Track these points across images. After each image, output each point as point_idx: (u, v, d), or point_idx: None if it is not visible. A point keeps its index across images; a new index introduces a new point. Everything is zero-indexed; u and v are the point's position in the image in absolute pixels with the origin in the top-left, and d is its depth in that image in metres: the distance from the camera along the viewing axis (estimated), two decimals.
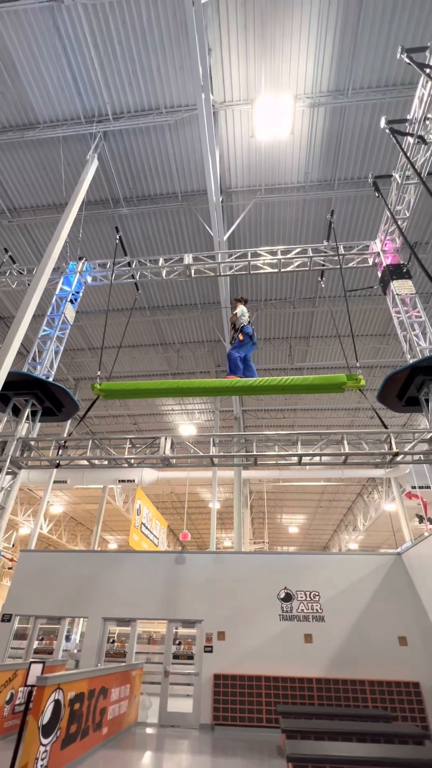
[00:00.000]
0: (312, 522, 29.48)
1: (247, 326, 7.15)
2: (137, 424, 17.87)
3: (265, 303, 11.70)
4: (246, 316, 7.33)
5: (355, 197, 9.02)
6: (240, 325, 7.16)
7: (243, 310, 7.46)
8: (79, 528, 30.77)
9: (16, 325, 5.36)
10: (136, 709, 7.78)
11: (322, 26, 6.77)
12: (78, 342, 13.34)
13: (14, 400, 5.81)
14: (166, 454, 5.51)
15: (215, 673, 7.82)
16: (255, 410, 16.56)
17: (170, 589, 8.87)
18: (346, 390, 5.98)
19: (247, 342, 7.05)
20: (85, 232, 9.83)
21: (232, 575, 8.89)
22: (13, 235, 10.21)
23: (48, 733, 4.58)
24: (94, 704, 5.74)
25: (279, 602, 8.50)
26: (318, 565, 8.94)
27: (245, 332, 7.06)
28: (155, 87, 7.60)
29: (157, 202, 9.39)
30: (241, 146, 8.36)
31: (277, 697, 7.55)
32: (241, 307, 7.58)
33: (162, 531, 18.91)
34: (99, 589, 9.05)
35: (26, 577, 9.45)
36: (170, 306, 12.04)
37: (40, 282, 5.84)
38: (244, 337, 7.00)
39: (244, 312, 7.41)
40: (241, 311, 7.42)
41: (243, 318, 7.26)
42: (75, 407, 6.16)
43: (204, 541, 34.31)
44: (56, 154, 8.61)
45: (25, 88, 7.72)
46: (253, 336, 7.17)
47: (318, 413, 16.63)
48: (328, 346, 13.08)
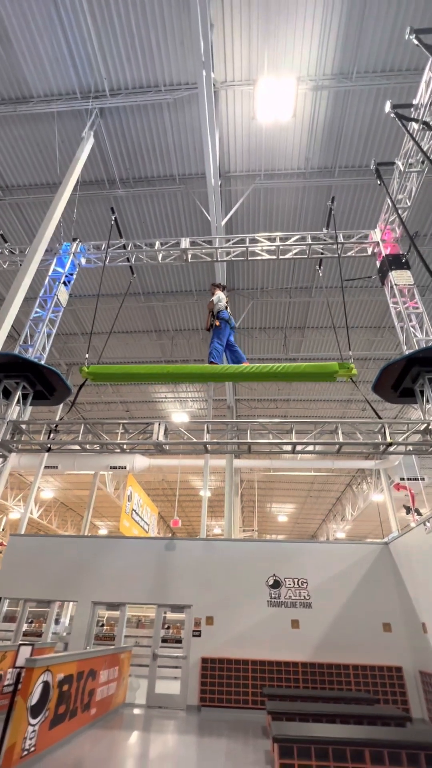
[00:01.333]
0: (301, 511, 29.87)
1: (224, 311, 7.17)
2: (129, 411, 17.79)
3: (261, 292, 11.60)
4: (223, 301, 7.36)
5: (355, 185, 8.90)
6: (217, 311, 7.19)
7: (220, 296, 7.49)
8: (70, 513, 30.82)
9: (7, 306, 5.23)
10: (124, 691, 7.89)
11: (328, 6, 6.57)
12: (71, 326, 13.15)
13: (5, 383, 5.69)
14: (159, 440, 5.47)
15: (203, 657, 7.94)
16: (248, 400, 16.56)
17: (160, 575, 8.93)
18: (337, 379, 5.96)
19: (225, 327, 7.07)
20: (80, 213, 9.60)
21: (222, 562, 8.97)
22: (4, 213, 9.93)
23: (36, 713, 4.61)
24: (82, 686, 5.79)
25: (267, 589, 8.61)
26: (306, 553, 9.05)
27: (221, 317, 7.08)
28: (154, 63, 7.35)
29: (154, 185, 9.18)
30: (242, 128, 8.16)
31: (264, 681, 7.70)
32: (218, 293, 7.59)
33: (153, 517, 19.01)
34: (89, 574, 9.08)
35: (16, 561, 9.44)
36: (165, 292, 11.88)
37: (32, 262, 5.68)
38: (221, 322, 7.02)
39: (221, 298, 7.43)
40: (217, 297, 7.45)
41: (220, 303, 7.29)
42: (67, 391, 6.06)
43: (194, 529, 34.63)
44: (50, 131, 8.33)
45: (19, 60, 7.41)
46: (230, 320, 7.23)
47: (310, 404, 16.69)
48: (323, 337, 13.06)
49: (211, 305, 7.31)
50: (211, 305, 7.34)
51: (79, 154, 7.42)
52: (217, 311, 7.17)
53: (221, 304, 7.26)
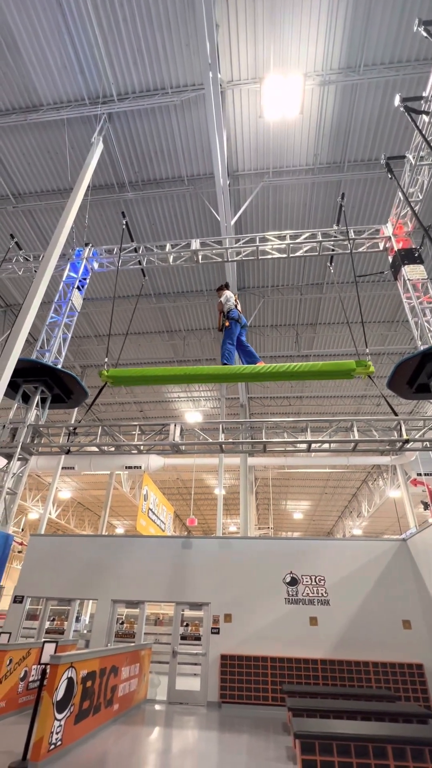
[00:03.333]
0: (316, 508, 29.72)
1: (233, 310, 7.20)
2: (143, 411, 17.95)
3: (272, 290, 11.58)
4: (231, 300, 7.40)
5: (365, 180, 8.80)
6: (227, 310, 7.23)
7: (228, 296, 7.54)
8: (87, 513, 31.29)
9: (24, 312, 5.35)
10: (145, 687, 8.02)
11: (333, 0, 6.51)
12: (84, 329, 13.34)
13: (24, 387, 5.84)
14: (175, 441, 5.54)
15: (222, 654, 8.00)
16: (261, 398, 16.55)
17: (177, 573, 9.03)
18: (354, 376, 5.95)
19: (235, 326, 7.10)
20: (91, 218, 9.72)
21: (239, 560, 9.01)
22: (17, 220, 10.13)
23: (62, 708, 4.73)
24: (105, 682, 5.91)
25: (285, 586, 8.63)
26: (323, 550, 9.03)
27: (231, 317, 7.14)
28: (161, 66, 7.40)
29: (163, 186, 9.24)
30: (249, 127, 8.15)
31: (283, 677, 7.73)
32: (226, 292, 7.65)
33: (169, 516, 19.17)
34: (108, 572, 9.23)
35: (36, 561, 9.65)
36: (176, 293, 11.95)
37: (47, 269, 5.80)
38: (230, 322, 7.06)
39: (228, 297, 7.49)
40: (225, 297, 7.51)
41: (228, 303, 7.35)
42: (84, 394, 6.18)
43: (209, 527, 34.78)
44: (60, 138, 8.46)
45: (28, 68, 7.54)
46: (240, 318, 7.26)
47: (324, 401, 16.58)
48: (335, 333, 12.96)
49: (221, 306, 7.37)
50: (220, 306, 7.41)
51: (89, 160, 7.52)
52: (227, 311, 7.23)
53: (230, 304, 7.32)
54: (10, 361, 4.90)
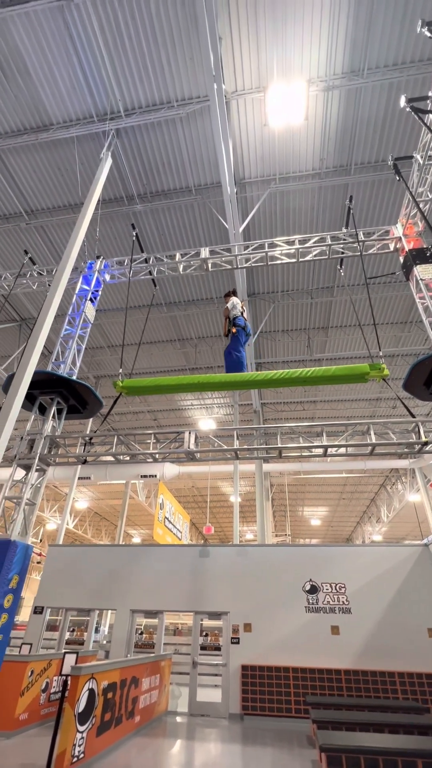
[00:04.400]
0: (334, 514, 29.25)
1: (240, 318, 7.24)
2: (157, 419, 18.03)
3: (282, 295, 11.57)
4: (238, 307, 7.43)
5: (373, 181, 8.78)
6: (233, 317, 7.27)
7: (234, 302, 7.58)
8: (104, 523, 31.42)
9: (39, 325, 5.46)
10: (166, 699, 7.94)
11: (335, 5, 6.56)
12: (97, 340, 13.52)
13: (40, 399, 5.93)
14: (190, 449, 5.54)
15: (243, 664, 7.89)
16: (274, 403, 16.47)
17: (195, 582, 8.97)
18: (369, 380, 5.88)
19: (240, 333, 7.14)
20: (102, 231, 9.91)
21: (257, 568, 8.92)
22: (31, 236, 10.38)
23: (84, 720, 4.72)
24: (126, 693, 5.88)
25: (304, 594, 8.49)
26: (343, 557, 8.87)
27: (237, 324, 7.18)
28: (166, 80, 7.55)
29: (171, 197, 9.37)
30: (254, 135, 8.23)
31: (306, 688, 7.57)
32: (232, 299, 7.68)
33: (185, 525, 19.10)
34: (126, 582, 9.23)
35: (55, 571, 9.72)
36: (186, 301, 12.04)
37: (60, 282, 5.92)
38: (237, 329, 7.11)
39: (235, 304, 7.53)
40: (232, 303, 7.54)
41: (235, 310, 7.38)
42: (99, 404, 6.25)
43: (226, 535, 34.52)
44: (70, 155, 8.68)
45: (38, 90, 7.78)
46: (246, 326, 7.30)
47: (338, 404, 16.41)
48: (347, 335, 12.86)
49: (227, 311, 7.43)
50: (226, 311, 7.47)
51: (98, 175, 7.68)
52: (233, 317, 7.28)
53: (236, 311, 7.37)
54: (26, 374, 4.99)
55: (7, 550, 4.69)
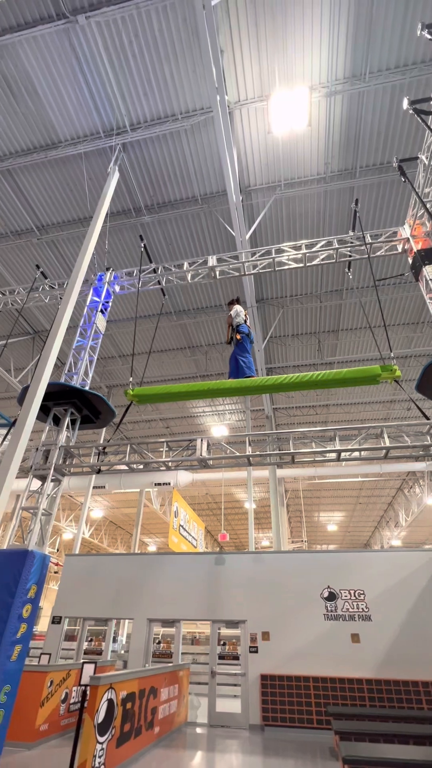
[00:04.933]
0: (351, 519, 28.80)
1: (243, 325, 7.38)
2: (169, 427, 18.10)
3: (290, 299, 11.57)
4: (241, 315, 7.56)
5: (378, 183, 8.77)
6: (236, 324, 7.38)
7: (238, 310, 7.69)
8: (119, 531, 31.51)
9: (52, 337, 5.57)
10: (185, 709, 7.87)
11: (334, 11, 6.63)
12: (109, 350, 13.69)
13: (54, 410, 6.02)
14: (203, 456, 5.56)
15: (262, 674, 7.79)
16: (286, 408, 16.39)
17: (212, 590, 8.91)
18: (381, 382, 5.83)
19: (246, 340, 7.24)
20: (111, 243, 10.08)
21: (273, 575, 8.82)
22: (42, 251, 10.62)
23: (104, 731, 4.71)
24: (145, 704, 5.85)
25: (323, 601, 8.35)
26: (361, 562, 8.72)
27: (241, 331, 7.28)
28: (170, 94, 7.70)
29: (178, 207, 9.50)
30: (258, 143, 8.31)
31: (327, 698, 7.42)
32: (235, 307, 7.80)
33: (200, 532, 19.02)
34: (142, 591, 9.23)
35: (72, 581, 9.77)
36: (196, 309, 12.13)
37: (71, 295, 6.04)
38: (241, 336, 7.21)
39: (238, 312, 7.64)
40: (235, 311, 7.65)
41: (238, 318, 7.49)
42: (111, 414, 6.32)
43: (241, 542, 34.26)
44: (79, 170, 8.88)
45: (47, 109, 8.01)
46: (250, 334, 7.40)
47: (351, 407, 16.24)
48: (358, 338, 12.77)
49: (230, 319, 7.54)
50: (229, 319, 7.58)
51: (106, 189, 7.84)
52: (236, 325, 7.38)
53: (239, 319, 7.49)
54: (40, 386, 5.09)
55: (25, 561, 4.74)
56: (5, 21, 6.92)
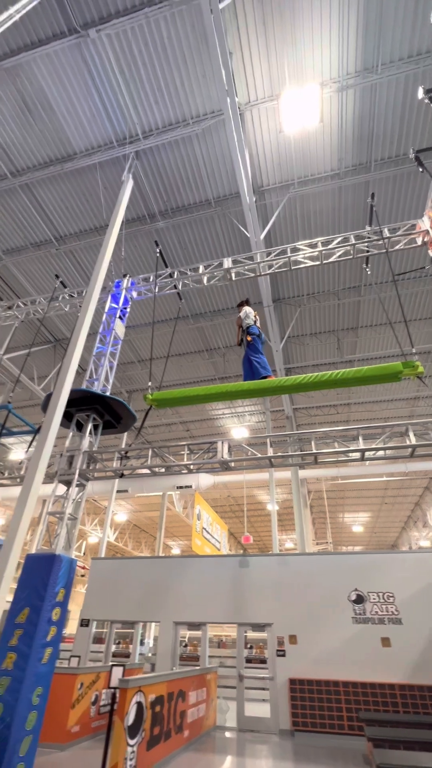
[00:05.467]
0: (377, 520, 28.18)
1: (253, 327, 7.36)
2: (189, 430, 18.16)
3: (308, 298, 11.45)
4: (251, 316, 7.53)
5: (394, 176, 8.59)
6: (246, 326, 7.37)
7: (248, 312, 7.66)
8: (143, 535, 31.79)
9: (73, 345, 5.68)
10: (214, 713, 7.84)
11: (343, 4, 6.53)
12: (128, 356, 13.86)
13: (77, 416, 6.14)
14: (224, 458, 5.55)
15: (291, 678, 7.69)
16: (306, 407, 16.20)
17: (237, 593, 8.87)
18: (403, 379, 5.68)
19: (257, 341, 7.22)
20: (127, 250, 10.23)
21: (299, 577, 8.71)
22: (61, 261, 10.87)
23: (134, 734, 4.74)
24: (173, 707, 5.86)
25: (350, 604, 8.19)
26: (389, 564, 8.51)
27: (252, 332, 7.26)
28: (180, 100, 7.76)
29: (191, 212, 9.55)
30: (270, 143, 8.28)
31: (358, 704, 7.26)
32: (245, 308, 7.77)
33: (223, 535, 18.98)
34: (168, 594, 9.27)
35: (99, 584, 9.91)
36: (212, 312, 12.16)
37: (90, 302, 6.15)
38: (252, 338, 7.20)
39: (248, 313, 7.61)
40: (245, 313, 7.63)
41: (248, 319, 7.47)
42: (133, 418, 6.39)
43: (265, 544, 34.00)
44: (94, 180, 9.06)
45: (61, 123, 8.21)
46: (261, 335, 7.36)
47: (374, 405, 15.91)
48: (378, 334, 12.51)
49: (239, 321, 7.54)
50: (239, 321, 7.58)
51: (121, 197, 7.96)
52: (246, 326, 7.39)
53: (249, 320, 7.50)
54: (63, 393, 5.20)
55: (53, 565, 4.84)
56: (20, 40, 7.14)
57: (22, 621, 4.51)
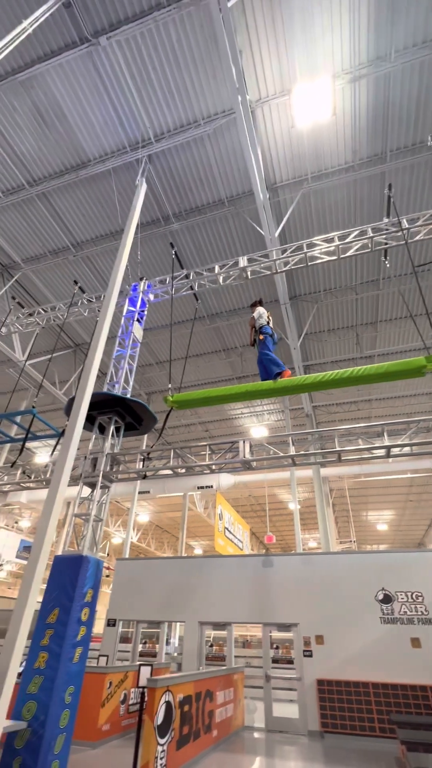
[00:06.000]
0: (402, 518, 27.57)
1: (266, 326, 7.39)
2: (208, 430, 18.19)
3: (325, 294, 11.30)
4: (264, 316, 7.56)
5: (411, 165, 8.38)
6: (259, 326, 7.42)
7: (260, 312, 7.67)
8: (166, 535, 32.04)
9: (93, 350, 5.77)
10: (242, 713, 7.83)
11: None
12: (146, 358, 13.99)
13: (99, 419, 6.23)
14: (246, 458, 5.53)
15: (318, 679, 7.61)
16: (326, 405, 15.99)
17: (261, 592, 8.83)
18: (426, 373, 5.54)
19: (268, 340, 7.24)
20: (142, 253, 10.32)
21: (324, 577, 8.61)
22: (78, 267, 11.06)
23: (163, 733, 4.78)
24: (202, 707, 5.88)
25: (378, 604, 8.04)
26: (416, 563, 8.31)
27: (264, 332, 7.30)
28: (191, 101, 7.78)
29: (205, 212, 9.56)
30: (282, 139, 8.21)
31: (389, 705, 7.12)
32: (258, 309, 7.80)
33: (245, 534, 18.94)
34: (192, 594, 9.31)
35: (124, 584, 10.03)
36: (229, 311, 12.14)
37: (108, 307, 6.23)
38: (264, 336, 7.23)
39: (261, 313, 7.63)
40: (258, 313, 7.66)
41: (261, 319, 7.51)
42: (153, 420, 6.45)
43: (287, 543, 33.75)
44: (108, 186, 9.17)
45: (75, 131, 8.35)
46: (274, 335, 7.40)
47: (396, 401, 15.58)
48: (399, 328, 12.23)
49: (252, 321, 7.58)
50: (252, 321, 7.63)
51: (135, 201, 8.04)
52: (259, 326, 7.42)
53: (262, 320, 7.55)
54: (85, 396, 5.28)
55: (81, 566, 4.92)
56: (33, 53, 7.29)
57: (52, 621, 4.61)
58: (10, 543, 20.07)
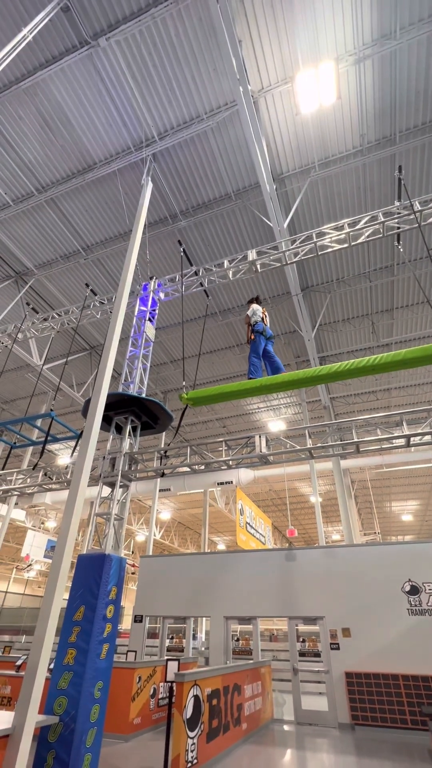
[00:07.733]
0: (427, 507, 27.04)
1: (259, 323, 7.41)
2: (226, 426, 18.20)
3: (337, 283, 11.11)
4: (258, 314, 7.55)
5: (422, 145, 8.12)
6: (253, 323, 7.45)
7: (255, 309, 7.67)
8: (188, 532, 32.30)
9: (107, 351, 5.83)
10: (270, 706, 7.86)
11: None
12: (160, 357, 14.07)
13: (115, 419, 6.30)
14: (263, 452, 5.50)
15: (346, 671, 7.56)
16: (344, 396, 15.77)
17: (285, 586, 8.81)
18: None
19: (259, 339, 7.24)
20: (151, 252, 10.35)
21: (348, 569, 8.52)
22: (89, 270, 11.18)
23: (193, 726, 4.84)
24: (230, 700, 5.92)
25: (405, 596, 7.92)
26: None
27: (256, 330, 7.32)
28: (193, 96, 7.72)
29: (212, 207, 9.51)
30: (287, 128, 8.08)
31: (420, 698, 7.02)
32: (253, 306, 7.80)
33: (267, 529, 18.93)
34: (216, 589, 9.36)
35: (149, 581, 10.17)
36: (240, 306, 12.07)
37: (120, 308, 6.28)
38: (255, 335, 7.26)
39: (255, 311, 7.63)
40: (252, 310, 7.66)
41: (255, 316, 7.51)
42: (170, 418, 6.48)
43: (310, 536, 33.59)
44: (114, 187, 9.22)
45: (80, 135, 8.41)
46: (265, 331, 7.40)
47: (415, 389, 15.24)
48: (415, 314, 11.94)
49: (247, 318, 7.61)
50: (247, 319, 7.66)
51: (141, 201, 8.05)
52: (252, 323, 7.43)
53: (255, 317, 7.56)
54: (101, 397, 5.34)
55: (104, 564, 5.00)
56: (35, 59, 7.36)
57: (79, 618, 4.71)
58: (38, 543, 20.60)
